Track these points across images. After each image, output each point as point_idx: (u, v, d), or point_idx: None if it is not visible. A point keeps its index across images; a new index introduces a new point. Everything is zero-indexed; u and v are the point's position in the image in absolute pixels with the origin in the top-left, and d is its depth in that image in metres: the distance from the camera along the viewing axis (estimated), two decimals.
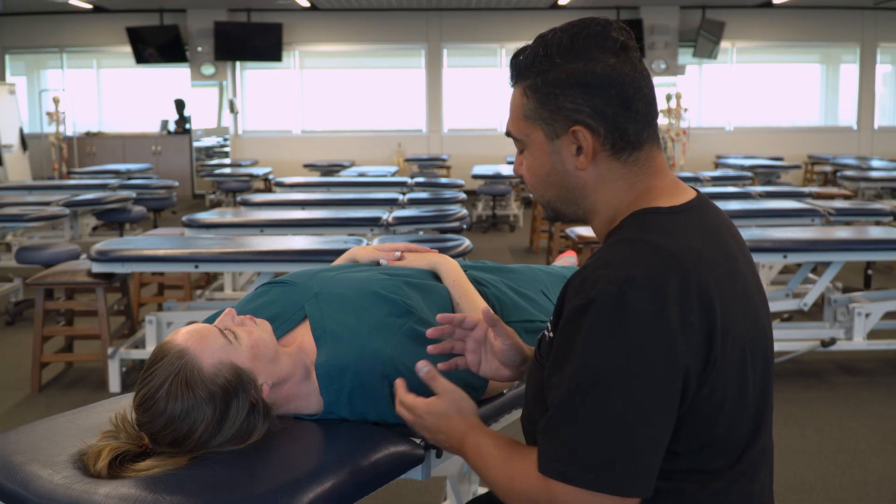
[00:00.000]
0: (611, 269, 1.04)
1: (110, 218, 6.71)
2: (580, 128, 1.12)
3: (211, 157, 12.68)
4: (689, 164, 11.56)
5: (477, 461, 1.18)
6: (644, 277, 1.02)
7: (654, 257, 1.04)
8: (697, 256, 1.07)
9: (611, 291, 1.01)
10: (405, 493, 2.82)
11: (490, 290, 1.73)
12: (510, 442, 1.18)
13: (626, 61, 1.12)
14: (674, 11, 12.05)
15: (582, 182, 1.16)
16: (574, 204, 1.18)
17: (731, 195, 5.82)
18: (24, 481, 1.24)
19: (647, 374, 1.00)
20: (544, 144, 1.16)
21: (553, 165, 1.16)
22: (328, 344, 1.47)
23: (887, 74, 13.32)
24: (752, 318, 1.12)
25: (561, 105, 1.12)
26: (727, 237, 1.16)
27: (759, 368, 1.13)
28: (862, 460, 3.05)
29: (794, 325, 4.25)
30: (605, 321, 1.01)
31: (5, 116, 10.91)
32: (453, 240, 3.85)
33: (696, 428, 1.07)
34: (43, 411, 3.53)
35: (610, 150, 1.13)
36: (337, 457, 1.31)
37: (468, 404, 1.27)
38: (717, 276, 1.07)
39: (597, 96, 1.11)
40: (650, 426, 1.01)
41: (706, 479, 1.09)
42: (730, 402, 1.08)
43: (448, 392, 1.27)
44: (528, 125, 1.16)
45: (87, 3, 11.57)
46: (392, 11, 12.43)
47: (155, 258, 3.70)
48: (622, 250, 1.07)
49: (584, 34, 1.12)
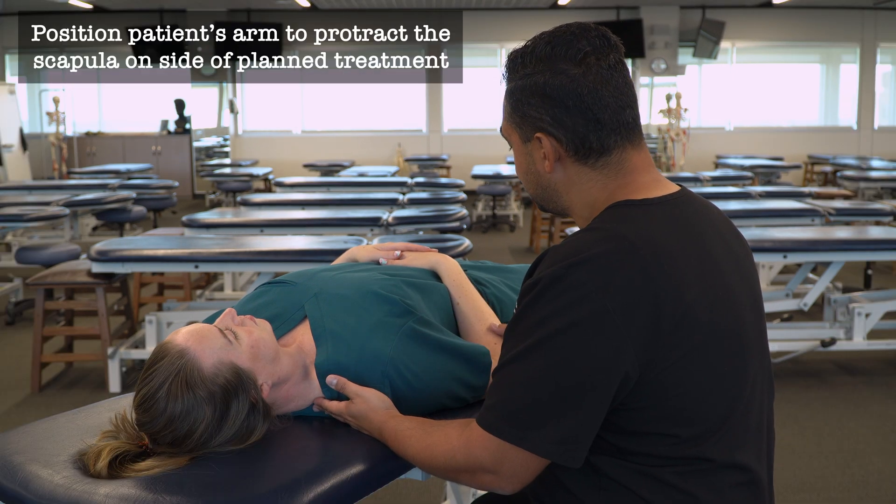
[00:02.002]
0: (564, 250, 1.11)
1: (110, 218, 6.71)
2: (542, 135, 1.18)
3: (211, 157, 12.68)
4: (689, 164, 11.56)
5: (396, 445, 1.28)
6: (592, 259, 1.07)
7: (609, 243, 1.09)
8: (657, 243, 1.10)
9: (557, 271, 1.08)
10: (405, 493, 2.82)
11: (490, 290, 1.73)
12: (424, 420, 1.30)
13: (590, 72, 1.14)
14: (674, 11, 12.05)
15: (553, 183, 1.22)
16: (552, 201, 1.26)
17: (731, 195, 5.82)
18: (24, 481, 1.24)
19: (579, 349, 1.06)
20: (520, 146, 1.23)
21: (528, 166, 1.24)
22: (328, 343, 1.47)
23: (887, 74, 13.32)
24: (727, 312, 1.13)
25: (527, 113, 1.19)
26: (705, 230, 1.18)
27: (739, 360, 1.15)
28: (862, 460, 3.05)
29: (794, 325, 4.25)
30: (546, 295, 1.08)
31: (5, 116, 10.91)
32: (453, 240, 3.85)
33: (647, 412, 1.10)
34: (43, 411, 3.53)
35: (574, 155, 1.18)
36: (337, 457, 1.31)
37: (380, 401, 1.37)
38: (678, 261, 1.10)
39: (555, 106, 1.16)
40: (578, 398, 1.07)
41: (663, 462, 1.12)
42: (689, 389, 1.10)
43: (359, 395, 1.38)
44: (508, 127, 1.24)
45: (87, 3, 11.57)
46: (392, 11, 12.44)
47: (155, 258, 3.70)
48: (581, 236, 1.13)
49: (554, 42, 1.17)
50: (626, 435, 1.12)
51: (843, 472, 2.96)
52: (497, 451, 1.11)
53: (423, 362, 1.42)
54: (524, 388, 1.09)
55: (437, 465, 1.21)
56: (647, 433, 1.11)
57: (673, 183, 1.23)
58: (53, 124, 10.97)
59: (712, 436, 1.13)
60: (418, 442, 1.24)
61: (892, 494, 2.80)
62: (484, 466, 1.13)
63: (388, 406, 1.38)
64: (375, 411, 1.35)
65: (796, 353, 4.01)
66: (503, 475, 1.12)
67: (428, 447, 1.22)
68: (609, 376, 1.06)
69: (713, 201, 6.01)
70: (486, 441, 1.12)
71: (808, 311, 4.39)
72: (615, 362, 1.06)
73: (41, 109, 11.96)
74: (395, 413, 1.35)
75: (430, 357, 1.42)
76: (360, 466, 1.29)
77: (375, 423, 1.34)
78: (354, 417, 1.38)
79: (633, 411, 1.10)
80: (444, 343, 1.45)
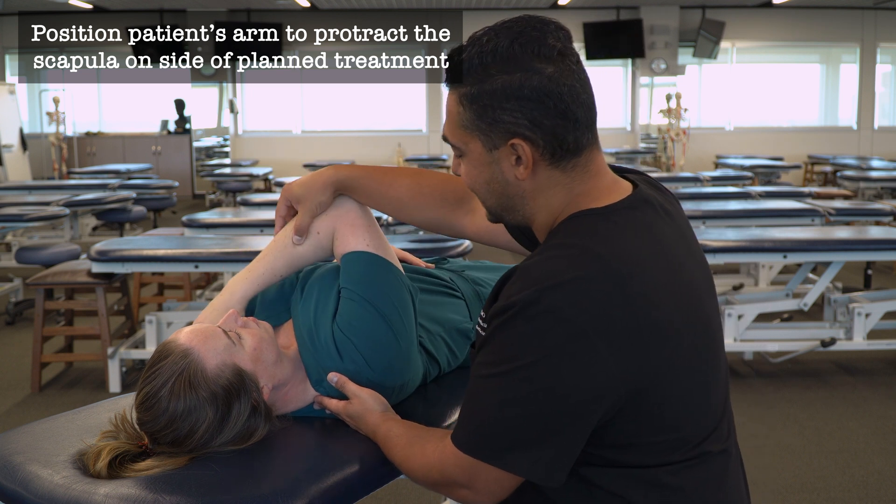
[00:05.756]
0: (536, 272, 1.06)
1: (110, 218, 6.71)
2: (519, 140, 1.11)
3: (211, 157, 12.68)
4: (689, 164, 11.56)
5: (386, 450, 1.29)
6: (567, 282, 1.03)
7: (584, 265, 1.05)
8: (631, 260, 1.07)
9: (531, 295, 1.03)
10: (405, 493, 2.82)
11: (488, 290, 1.73)
12: (414, 428, 1.28)
13: (563, 69, 1.10)
14: (674, 11, 12.04)
15: (522, 191, 1.15)
16: (515, 211, 1.19)
17: (731, 195, 5.81)
18: (24, 481, 1.24)
19: (559, 377, 1.03)
20: (483, 155, 1.14)
21: (492, 175, 1.15)
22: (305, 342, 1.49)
23: (887, 74, 13.31)
24: (696, 310, 1.13)
25: (498, 118, 1.10)
26: (667, 231, 1.15)
27: (711, 359, 1.14)
28: (862, 460, 3.05)
29: (794, 325, 4.25)
30: (520, 319, 1.04)
31: (5, 116, 10.91)
32: (453, 240, 3.85)
33: (638, 425, 1.08)
34: (43, 411, 3.53)
35: (549, 159, 1.12)
36: (337, 457, 1.31)
37: (376, 402, 1.37)
38: (653, 277, 1.07)
39: (534, 108, 1.09)
40: (559, 425, 1.04)
41: (657, 465, 1.11)
42: (677, 400, 1.09)
43: (357, 395, 1.38)
44: (465, 134, 1.15)
45: (87, 3, 11.57)
46: (392, 11, 12.44)
47: (155, 258, 3.70)
48: (552, 256, 1.08)
49: (520, 40, 1.09)
50: (616, 447, 1.10)
51: (843, 472, 2.96)
52: (469, 468, 1.09)
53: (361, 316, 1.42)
54: (499, 409, 1.06)
55: (416, 478, 1.21)
56: (638, 444, 1.10)
57: (624, 179, 1.20)
58: (53, 124, 10.96)
59: (709, 435, 1.14)
60: (401, 451, 1.24)
61: (893, 495, 2.80)
62: (457, 482, 1.12)
63: (384, 408, 1.37)
64: (371, 413, 1.35)
65: (796, 353, 4.01)
66: (478, 490, 1.11)
67: (407, 458, 1.22)
68: (591, 402, 1.04)
69: (713, 202, 5.98)
70: (458, 457, 1.10)
71: (808, 311, 4.39)
72: (597, 387, 1.03)
73: (41, 109, 11.96)
74: (389, 416, 1.35)
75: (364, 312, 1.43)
76: (360, 466, 1.29)
77: (370, 424, 1.34)
78: (351, 417, 1.38)
79: (622, 426, 1.08)
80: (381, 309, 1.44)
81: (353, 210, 1.53)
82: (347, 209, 1.52)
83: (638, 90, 12.63)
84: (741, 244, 3.86)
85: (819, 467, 3.00)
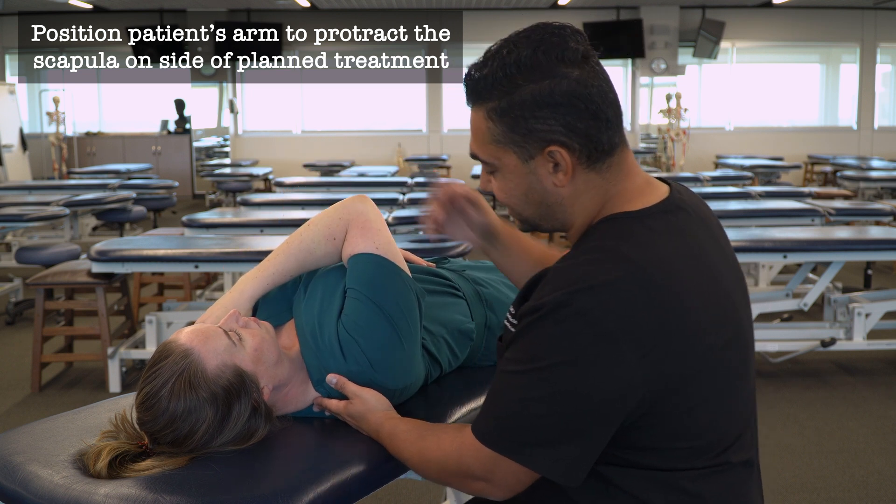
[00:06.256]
0: (568, 275, 1.06)
1: (110, 218, 6.71)
2: (556, 147, 1.11)
3: (211, 157, 12.68)
4: (689, 164, 11.56)
5: (392, 447, 1.28)
6: (599, 285, 1.03)
7: (616, 268, 1.05)
8: (664, 264, 1.07)
9: (562, 297, 1.04)
10: (405, 493, 2.82)
11: (488, 291, 1.74)
12: (421, 423, 1.28)
13: (589, 71, 1.10)
14: (674, 11, 12.04)
15: (560, 198, 1.15)
16: (553, 218, 1.18)
17: (731, 195, 5.82)
18: (24, 481, 1.24)
19: (586, 379, 1.03)
20: (518, 167, 1.14)
21: (530, 186, 1.15)
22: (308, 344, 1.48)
23: (887, 74, 13.31)
24: (729, 315, 1.12)
25: (532, 127, 1.10)
26: (700, 235, 1.15)
27: (741, 366, 1.14)
28: (862, 460, 3.05)
29: (794, 325, 4.24)
30: (550, 320, 1.04)
31: (5, 116, 10.91)
32: (453, 240, 3.84)
33: (661, 429, 1.08)
34: (43, 411, 3.53)
35: (586, 162, 1.12)
36: (337, 457, 1.31)
37: (378, 401, 1.38)
38: (686, 282, 1.07)
39: (567, 113, 1.09)
40: (583, 426, 1.05)
41: (678, 470, 1.10)
42: (704, 406, 1.09)
43: (358, 395, 1.38)
44: (497, 149, 1.14)
45: (87, 3, 11.58)
46: (392, 11, 12.43)
47: (155, 258, 3.70)
48: (585, 259, 1.08)
49: (542, 48, 1.10)
50: (637, 450, 1.10)
51: (843, 472, 2.96)
52: (489, 460, 1.10)
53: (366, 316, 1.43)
54: (524, 405, 1.06)
55: (429, 470, 1.21)
56: (660, 448, 1.09)
57: (661, 181, 1.20)
58: (53, 124, 10.96)
59: (733, 444, 1.13)
60: (412, 445, 1.24)
61: (893, 495, 2.80)
62: (475, 474, 1.12)
63: (386, 407, 1.38)
64: (373, 412, 1.35)
65: (796, 353, 4.01)
66: (495, 483, 1.11)
67: (421, 451, 1.22)
68: (616, 403, 1.04)
69: (713, 202, 5.99)
70: (478, 450, 1.10)
71: (808, 311, 4.39)
72: (624, 390, 1.04)
73: (41, 109, 11.96)
74: (392, 415, 1.35)
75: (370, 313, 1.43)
76: (360, 466, 1.29)
77: (373, 423, 1.33)
78: (353, 417, 1.38)
79: (645, 429, 1.08)
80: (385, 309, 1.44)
81: (365, 212, 1.53)
82: (359, 212, 1.52)
83: (638, 90, 12.63)
84: (741, 244, 3.86)
85: (819, 467, 3.00)
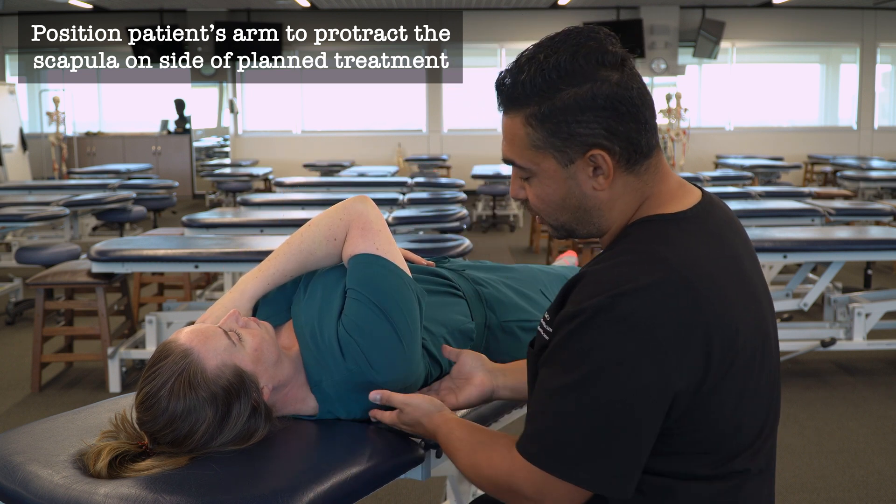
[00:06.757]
0: (608, 279, 1.05)
1: (110, 218, 6.71)
2: (598, 151, 1.10)
3: (211, 157, 12.68)
4: (689, 164, 11.56)
5: (447, 452, 1.27)
6: (640, 289, 1.03)
7: (656, 272, 1.04)
8: (701, 267, 1.07)
9: (603, 301, 1.03)
10: (405, 493, 2.82)
11: (488, 290, 1.73)
12: (473, 430, 1.24)
13: (628, 74, 1.11)
14: (674, 11, 12.05)
15: (599, 202, 1.14)
16: (590, 223, 1.17)
17: (731, 195, 5.82)
18: (24, 481, 1.24)
19: (631, 385, 1.02)
20: (558, 171, 1.13)
21: (569, 190, 1.14)
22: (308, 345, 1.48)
23: (887, 74, 13.32)
24: (759, 320, 1.12)
25: (574, 131, 1.10)
26: (732, 239, 1.16)
27: (766, 372, 1.13)
28: (862, 460, 3.05)
29: (794, 325, 4.24)
30: (592, 326, 1.03)
31: (5, 116, 10.91)
32: (453, 240, 3.85)
33: (687, 436, 1.07)
34: (43, 411, 3.53)
35: (625, 165, 1.12)
36: (337, 457, 1.31)
37: (430, 405, 1.35)
38: (722, 284, 1.07)
39: (609, 117, 1.09)
40: (631, 435, 1.03)
41: (694, 478, 1.10)
42: (729, 411, 1.08)
43: (407, 403, 1.36)
44: (537, 154, 1.13)
45: (87, 3, 11.58)
46: (392, 11, 12.44)
47: (155, 258, 3.70)
48: (623, 262, 1.07)
49: (582, 52, 1.09)
50: (661, 456, 1.09)
51: (843, 472, 2.96)
52: (541, 482, 1.07)
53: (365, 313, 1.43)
54: (572, 420, 1.04)
55: (482, 485, 1.18)
56: (682, 453, 1.09)
57: (692, 185, 1.20)
58: (53, 124, 10.97)
59: (747, 450, 1.13)
60: (466, 457, 1.21)
61: (893, 495, 2.80)
62: (526, 494, 1.09)
63: (439, 408, 1.35)
64: (428, 416, 1.33)
65: (796, 353, 4.01)
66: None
67: (473, 465, 1.19)
68: (660, 409, 1.04)
69: None
70: (529, 471, 1.08)
71: (808, 311, 4.39)
72: (666, 395, 1.03)
73: (41, 109, 11.96)
74: (447, 417, 1.32)
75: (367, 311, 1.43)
76: (360, 466, 1.29)
77: (430, 428, 1.32)
78: (408, 426, 1.37)
79: (673, 436, 1.07)
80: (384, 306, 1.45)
81: (365, 213, 1.53)
82: (360, 212, 1.53)
83: None
84: None
85: (819, 467, 2.99)
